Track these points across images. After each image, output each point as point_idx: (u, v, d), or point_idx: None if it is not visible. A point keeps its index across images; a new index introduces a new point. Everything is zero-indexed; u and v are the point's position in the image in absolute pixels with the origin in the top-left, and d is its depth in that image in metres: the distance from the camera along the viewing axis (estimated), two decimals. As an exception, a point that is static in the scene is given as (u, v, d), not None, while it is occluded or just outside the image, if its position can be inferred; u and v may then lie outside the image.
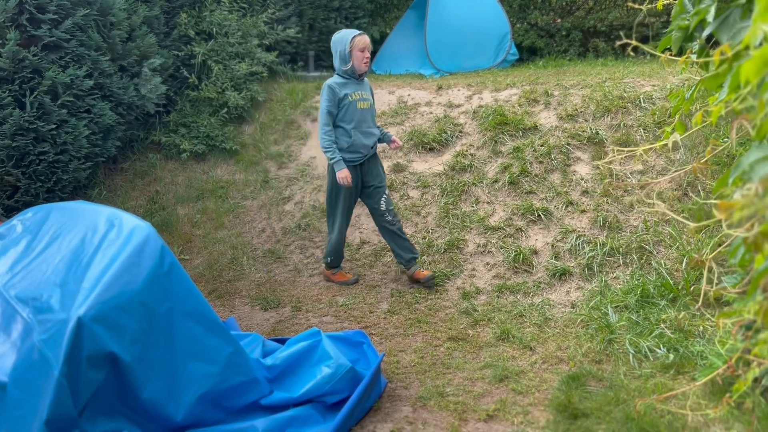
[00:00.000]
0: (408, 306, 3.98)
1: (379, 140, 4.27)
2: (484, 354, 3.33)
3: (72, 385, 2.14)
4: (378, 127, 4.29)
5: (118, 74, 5.16)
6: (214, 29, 6.15)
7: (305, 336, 2.97)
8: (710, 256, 1.39)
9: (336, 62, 4.08)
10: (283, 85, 6.84)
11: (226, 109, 6.06)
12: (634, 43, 1.45)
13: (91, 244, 2.47)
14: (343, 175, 3.96)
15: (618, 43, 1.54)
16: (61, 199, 4.87)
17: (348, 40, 3.99)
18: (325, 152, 4.03)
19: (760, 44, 1.13)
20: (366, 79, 4.20)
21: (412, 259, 4.18)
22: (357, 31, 4.06)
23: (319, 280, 4.46)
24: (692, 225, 1.19)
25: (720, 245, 1.89)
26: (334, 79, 4.07)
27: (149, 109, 5.49)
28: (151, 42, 5.39)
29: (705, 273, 1.43)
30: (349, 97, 4.02)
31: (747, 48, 1.23)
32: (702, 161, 1.55)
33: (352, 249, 4.74)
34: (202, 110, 6.09)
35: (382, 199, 4.18)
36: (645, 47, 1.45)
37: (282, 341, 3.17)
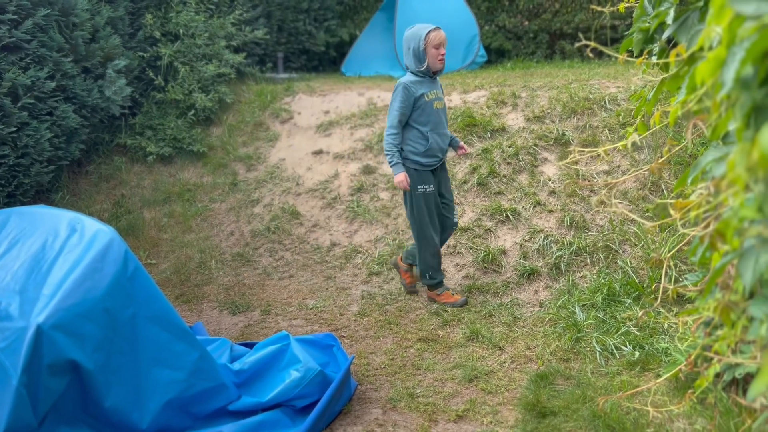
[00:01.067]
0: (379, 308, 3.98)
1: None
2: (454, 354, 3.34)
3: (32, 395, 2.08)
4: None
5: (81, 76, 5.06)
6: (181, 30, 6.07)
7: (274, 340, 2.95)
8: (668, 255, 1.41)
9: (409, 60, 3.76)
10: (252, 87, 6.78)
11: (193, 111, 5.98)
12: (592, 44, 1.47)
13: (52, 250, 2.42)
14: (400, 179, 3.66)
15: (577, 44, 1.56)
16: (23, 204, 4.75)
17: (422, 37, 3.66)
18: (386, 155, 3.74)
19: (715, 46, 1.15)
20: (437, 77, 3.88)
21: (418, 275, 3.99)
22: (431, 26, 3.71)
23: (289, 283, 4.43)
24: (648, 224, 1.21)
25: (682, 243, 1.93)
26: (408, 78, 3.74)
27: (114, 111, 5.39)
28: (116, 43, 5.29)
29: (663, 272, 1.46)
30: (425, 97, 3.71)
31: (702, 50, 1.26)
32: (660, 161, 1.58)
33: (322, 251, 4.72)
34: (168, 112, 6.00)
35: (455, 212, 3.95)
36: (604, 49, 1.47)
37: (250, 345, 3.14)
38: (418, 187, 3.75)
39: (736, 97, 0.99)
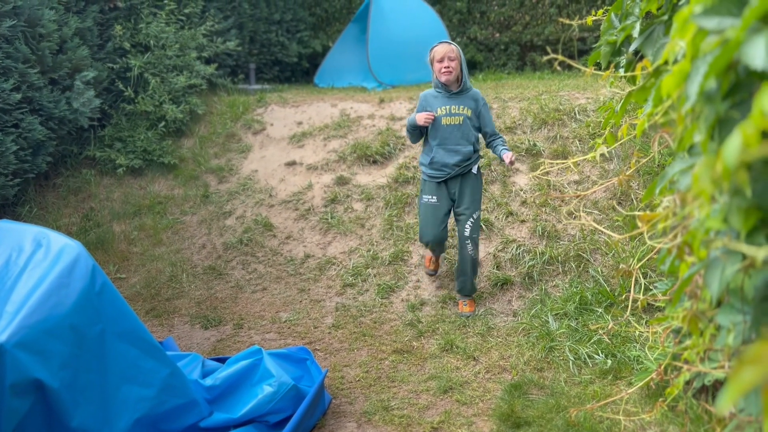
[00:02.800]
0: (353, 320, 3.96)
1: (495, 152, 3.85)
2: (428, 366, 3.33)
3: (-6, 416, 2.01)
4: (495, 136, 3.83)
5: (48, 87, 4.97)
6: (151, 42, 6.01)
7: (246, 354, 2.90)
8: (637, 267, 1.43)
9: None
10: (224, 98, 6.73)
11: (164, 123, 5.91)
12: (560, 58, 1.49)
13: (16, 266, 2.35)
14: (422, 116, 3.71)
15: (546, 57, 1.58)
16: (-13, 218, 4.63)
17: (430, 52, 3.76)
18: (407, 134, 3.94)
19: (679, 59, 1.17)
20: (471, 91, 3.81)
21: (458, 291, 4.00)
22: (442, 41, 3.80)
23: (262, 296, 4.38)
24: (616, 237, 1.22)
25: (651, 253, 1.95)
26: (428, 90, 3.89)
27: (82, 123, 5.29)
28: (84, 54, 5.21)
29: (633, 283, 1.47)
30: (435, 112, 3.76)
31: (667, 63, 1.28)
32: (627, 173, 1.60)
33: (296, 263, 4.68)
34: (138, 124, 5.92)
35: (467, 225, 3.85)
36: (572, 62, 1.49)
37: (222, 360, 3.09)
38: (423, 196, 3.93)
39: (700, 110, 1.01)
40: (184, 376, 2.59)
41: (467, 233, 3.85)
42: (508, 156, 3.64)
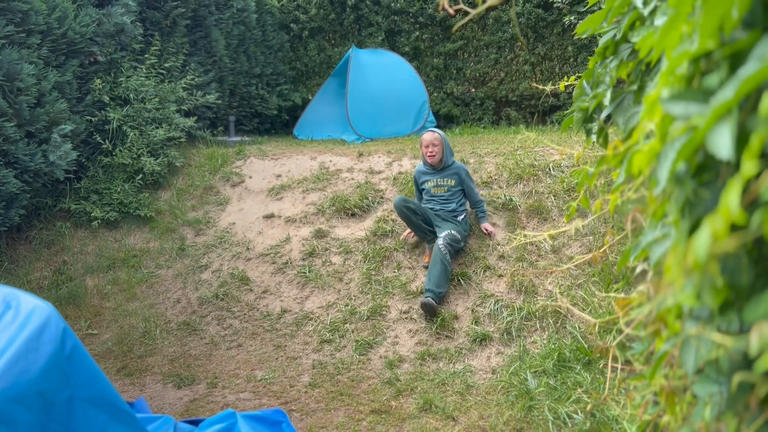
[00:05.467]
0: (330, 378, 3.89)
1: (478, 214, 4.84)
2: (407, 427, 3.27)
3: (-47, 490, 1.92)
4: (477, 205, 4.78)
5: (24, 140, 4.94)
6: (131, 95, 6.04)
7: (220, 418, 2.83)
8: (614, 344, 1.43)
9: None
10: (202, 150, 6.75)
11: (141, 175, 5.89)
12: (533, 136, 1.53)
13: (-17, 328, 2.28)
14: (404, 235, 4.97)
15: (519, 136, 1.63)
16: (-45, 273, 4.52)
17: (420, 138, 4.80)
18: None
19: (650, 137, 1.21)
20: (454, 165, 4.73)
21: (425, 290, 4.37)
22: (429, 129, 4.87)
23: (237, 353, 4.29)
24: (593, 320, 1.23)
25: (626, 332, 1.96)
26: (420, 166, 4.86)
27: (58, 175, 5.25)
28: (62, 108, 5.21)
29: (610, 360, 1.48)
30: (426, 184, 4.77)
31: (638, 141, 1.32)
32: (601, 251, 1.63)
33: (272, 318, 4.62)
34: (115, 176, 5.89)
35: (443, 234, 4.48)
36: (548, 144, 1.53)
37: (195, 422, 3.00)
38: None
39: (671, 190, 1.03)
40: (155, 442, 2.51)
41: (441, 241, 4.41)
42: (484, 227, 4.74)
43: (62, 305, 4.81)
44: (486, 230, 4.72)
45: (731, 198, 0.67)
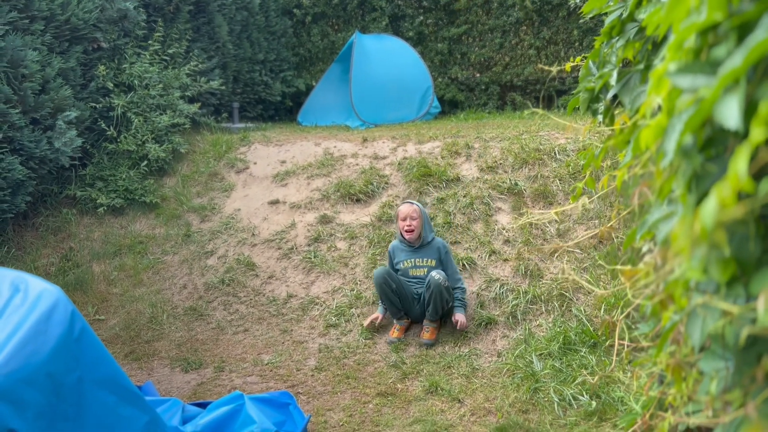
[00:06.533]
0: (336, 361, 3.91)
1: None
2: (413, 409, 3.30)
3: (-35, 470, 1.95)
4: (456, 290, 4.09)
5: (29, 127, 4.94)
6: (135, 81, 6.03)
7: (227, 400, 2.85)
8: (621, 318, 1.44)
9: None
10: (207, 137, 6.75)
11: (146, 162, 5.90)
12: (541, 112, 1.53)
13: (-8, 311, 2.30)
14: (367, 321, 4.21)
15: (526, 111, 1.62)
16: (-37, 259, 4.55)
17: (396, 210, 4.32)
18: None
19: (656, 112, 1.20)
20: (433, 242, 4.19)
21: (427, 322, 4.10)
22: (407, 201, 4.34)
23: (244, 338, 4.32)
24: (599, 291, 1.23)
25: (634, 303, 1.97)
26: (395, 243, 4.33)
27: (63, 162, 5.26)
28: (67, 94, 5.21)
29: (617, 332, 1.48)
30: (402, 264, 4.24)
31: (645, 117, 1.32)
32: (608, 226, 1.63)
33: (278, 303, 4.64)
34: (120, 163, 5.90)
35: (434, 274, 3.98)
36: (553, 116, 1.52)
37: (203, 405, 3.03)
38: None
39: (678, 164, 1.03)
40: (163, 423, 2.53)
41: (437, 275, 3.96)
42: (456, 319, 3.99)
43: (69, 291, 4.84)
44: (456, 321, 3.98)
45: (739, 164, 0.67)
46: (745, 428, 0.52)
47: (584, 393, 3.18)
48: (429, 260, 4.17)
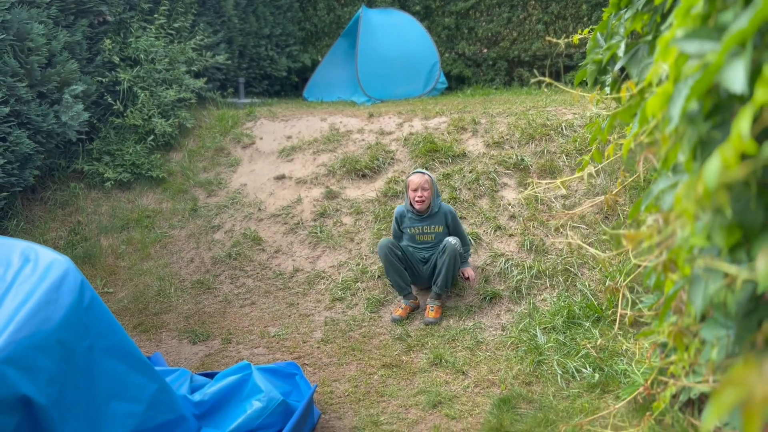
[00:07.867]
0: (342, 334, 3.95)
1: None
2: (417, 380, 3.34)
3: (-20, 433, 1.99)
4: (463, 248, 4.14)
5: (36, 101, 4.95)
6: (141, 55, 6.01)
7: (235, 370, 2.89)
8: (624, 284, 1.45)
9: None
10: (213, 112, 6.74)
11: (152, 137, 5.91)
12: (547, 80, 1.52)
13: (3, 281, 2.33)
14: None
15: (533, 80, 1.62)
16: (-27, 232, 4.60)
17: (406, 179, 4.23)
18: None
19: (663, 81, 1.20)
20: (441, 210, 4.18)
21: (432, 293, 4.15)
22: (418, 170, 4.22)
23: (251, 311, 4.36)
24: (603, 255, 1.25)
25: (637, 270, 1.98)
26: (403, 208, 4.27)
27: (71, 136, 5.28)
28: (73, 68, 5.20)
29: (620, 299, 1.50)
30: (409, 230, 4.24)
31: (651, 85, 1.31)
32: (613, 193, 1.63)
33: (284, 277, 4.68)
34: (127, 137, 5.91)
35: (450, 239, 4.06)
36: (559, 85, 1.52)
37: (211, 375, 3.08)
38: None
39: (683, 130, 1.03)
40: (172, 391, 2.58)
41: (453, 240, 4.04)
42: (467, 274, 4.14)
43: (78, 264, 4.88)
44: (464, 275, 4.17)
45: (742, 124, 0.68)
46: (736, 369, 0.53)
47: (587, 366, 3.21)
48: (436, 227, 4.20)
